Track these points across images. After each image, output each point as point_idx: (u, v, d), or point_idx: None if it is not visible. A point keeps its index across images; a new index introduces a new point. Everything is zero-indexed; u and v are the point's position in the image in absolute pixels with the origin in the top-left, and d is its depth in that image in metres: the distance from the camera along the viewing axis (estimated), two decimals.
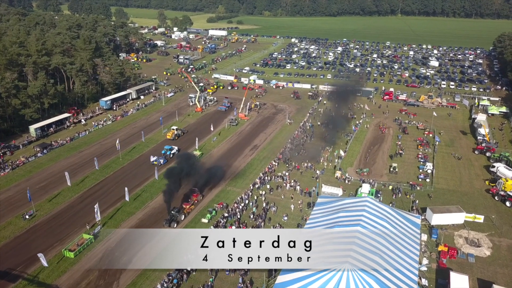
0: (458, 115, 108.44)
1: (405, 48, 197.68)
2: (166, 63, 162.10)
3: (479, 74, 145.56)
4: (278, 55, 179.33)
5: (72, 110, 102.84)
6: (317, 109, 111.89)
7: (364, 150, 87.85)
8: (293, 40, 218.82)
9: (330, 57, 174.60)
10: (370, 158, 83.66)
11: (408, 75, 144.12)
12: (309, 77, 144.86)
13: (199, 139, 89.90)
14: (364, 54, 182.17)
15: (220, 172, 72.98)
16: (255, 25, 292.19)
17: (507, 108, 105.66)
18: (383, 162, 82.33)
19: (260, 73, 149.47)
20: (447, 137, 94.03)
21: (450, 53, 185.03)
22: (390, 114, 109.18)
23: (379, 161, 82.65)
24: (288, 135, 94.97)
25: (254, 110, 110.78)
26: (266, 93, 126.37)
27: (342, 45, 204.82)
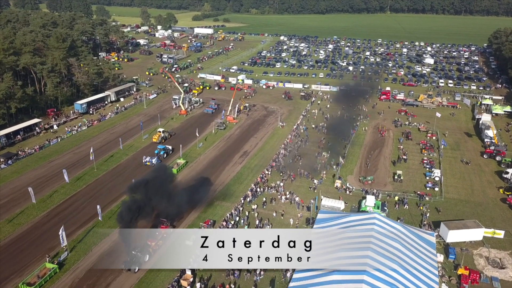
0: (460, 115, 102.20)
1: (398, 46, 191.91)
2: (149, 63, 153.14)
3: (477, 71, 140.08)
4: (267, 54, 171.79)
5: (51, 113, 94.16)
6: (310, 111, 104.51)
7: (364, 155, 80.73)
8: (282, 38, 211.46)
9: (321, 55, 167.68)
10: (371, 164, 76.51)
11: (403, 73, 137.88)
12: (301, 76, 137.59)
13: (183, 146, 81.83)
14: (356, 52, 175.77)
15: (200, 194, 62.47)
16: (242, 23, 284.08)
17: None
18: (386, 168, 75.26)
19: (249, 73, 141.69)
20: (452, 140, 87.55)
21: (444, 50, 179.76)
22: (388, 115, 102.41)
23: (381, 167, 75.55)
24: (280, 139, 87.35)
25: (243, 112, 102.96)
26: (255, 94, 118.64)
27: (333, 43, 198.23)
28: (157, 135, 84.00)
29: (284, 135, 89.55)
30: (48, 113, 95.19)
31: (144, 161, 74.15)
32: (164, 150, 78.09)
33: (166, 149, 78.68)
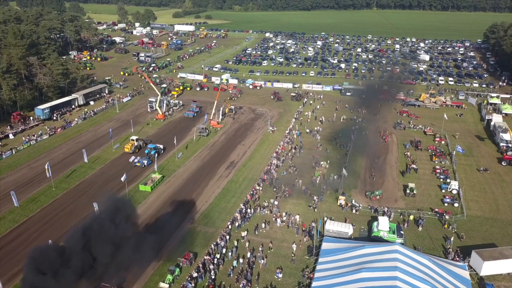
0: (467, 116, 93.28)
1: (389, 42, 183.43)
2: (125, 62, 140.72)
3: (476, 68, 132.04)
4: (253, 51, 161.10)
5: (17, 117, 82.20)
6: (303, 113, 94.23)
7: (367, 164, 70.77)
8: (268, 35, 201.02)
9: (310, 52, 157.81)
10: (376, 175, 66.56)
11: (399, 70, 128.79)
12: (290, 75, 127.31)
13: (160, 156, 70.77)
14: (346, 49, 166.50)
15: (171, 227, 50.03)
16: (225, 20, 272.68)
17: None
18: (394, 180, 65.43)
19: (234, 71, 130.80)
20: (463, 144, 78.21)
21: (438, 46, 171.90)
22: (387, 116, 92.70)
23: (388, 179, 65.67)
24: (272, 147, 76.81)
25: (229, 115, 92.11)
26: (241, 95, 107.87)
27: (321, 39, 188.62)
28: (129, 144, 72.61)
29: (275, 142, 79.08)
30: (13, 117, 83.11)
31: (134, 162, 67.93)
32: (155, 149, 70.73)
33: (157, 149, 71.24)
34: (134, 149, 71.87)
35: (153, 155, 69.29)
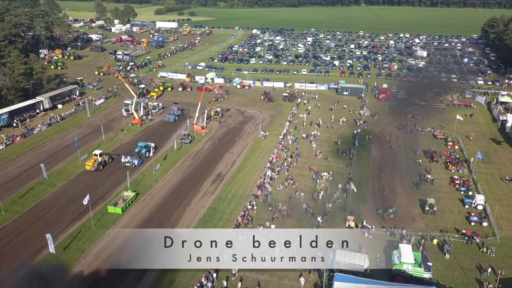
0: (478, 116, 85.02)
1: (382, 38, 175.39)
2: (101, 61, 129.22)
3: (477, 64, 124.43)
4: (239, 48, 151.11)
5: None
6: (297, 115, 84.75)
7: (374, 174, 61.65)
8: (255, 31, 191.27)
9: (301, 49, 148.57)
10: (387, 188, 57.42)
11: (397, 67, 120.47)
12: (280, 73, 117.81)
13: (134, 169, 60.58)
14: (338, 45, 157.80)
15: None
16: (210, 16, 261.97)
17: None
18: (408, 194, 56.45)
19: (219, 70, 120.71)
20: (478, 149, 69.86)
21: (434, 42, 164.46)
22: (386, 116, 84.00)
23: (401, 192, 56.61)
24: (264, 155, 67.15)
25: (215, 119, 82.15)
26: (228, 95, 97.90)
27: (311, 36, 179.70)
28: (91, 160, 60.64)
29: (268, 149, 69.40)
30: None
31: (123, 161, 61.54)
32: (146, 148, 64.82)
33: (148, 147, 65.12)
34: (98, 166, 60.10)
35: (144, 154, 63.64)
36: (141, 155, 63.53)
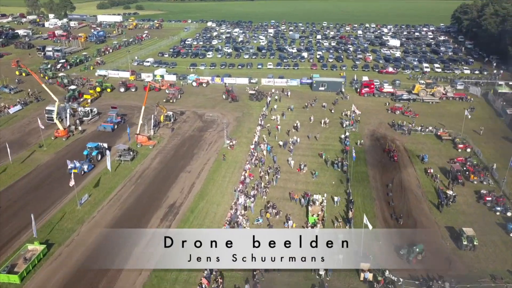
0: (478, 110, 72.75)
1: (348, 28, 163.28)
2: (26, 59, 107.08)
3: (456, 52, 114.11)
4: (193, 42, 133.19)
5: None
6: (269, 117, 68.94)
7: (379, 194, 46.97)
8: (210, 24, 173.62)
9: (263, 41, 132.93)
10: (400, 210, 42.85)
11: (372, 58, 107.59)
12: (243, 68, 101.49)
13: (48, 206, 42.44)
14: (303, 36, 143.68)
15: None
16: (160, 10, 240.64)
17: None
18: (429, 219, 42.23)
19: (171, 66, 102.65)
20: (493, 150, 57.23)
21: (403, 31, 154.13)
22: (379, 116, 70.28)
23: (420, 218, 42.22)
24: (233, 173, 50.82)
25: (165, 125, 64.72)
26: (182, 95, 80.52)
27: (272, 27, 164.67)
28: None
29: (237, 164, 53.13)
30: None
31: (69, 167, 48.55)
32: (98, 149, 53.15)
33: (99, 148, 53.50)
34: None
35: (95, 157, 52.02)
36: (91, 159, 51.74)
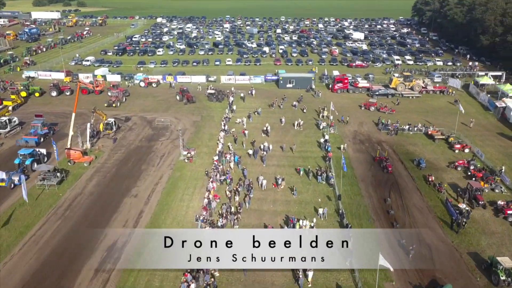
0: (462, 104, 65.80)
1: (307, 22, 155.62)
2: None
3: (423, 44, 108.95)
4: (142, 38, 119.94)
5: None
6: (233, 120, 58.38)
7: (378, 209, 37.88)
8: (160, 20, 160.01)
9: (219, 37, 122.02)
10: (409, 236, 33.80)
11: (338, 51, 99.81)
12: (198, 65, 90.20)
13: None
14: (262, 31, 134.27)
15: None
16: (104, 7, 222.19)
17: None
18: (444, 243, 33.88)
19: (114, 65, 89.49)
20: (494, 150, 50.01)
21: (365, 25, 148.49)
22: (357, 114, 61.69)
23: (433, 242, 33.46)
24: (194, 194, 39.97)
25: (106, 136, 52.53)
26: (128, 97, 68.23)
27: (228, 23, 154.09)
28: None
29: (198, 181, 42.27)
30: None
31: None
32: (33, 156, 43.91)
33: (35, 154, 44.29)
34: None
35: (29, 166, 42.93)
36: (24, 168, 42.53)
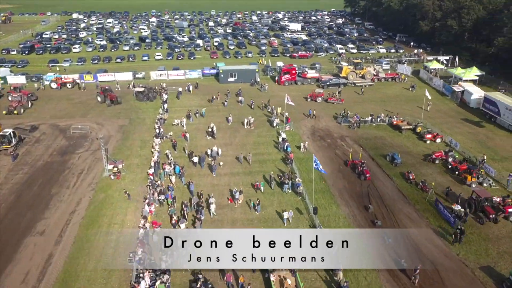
0: (419, 90, 61.84)
1: (239, 15, 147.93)
2: None
3: (361, 33, 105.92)
4: (54, 35, 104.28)
5: None
6: (168, 122, 48.46)
7: (361, 221, 30.67)
8: (76, 16, 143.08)
9: (145, 31, 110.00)
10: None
11: (278, 43, 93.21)
12: (123, 61, 78.28)
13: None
14: (193, 25, 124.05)
15: None
16: (9, 4, 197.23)
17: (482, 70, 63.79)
18: (447, 256, 28.01)
19: (19, 64, 74.79)
20: (461, 136, 45.38)
21: (299, 16, 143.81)
22: (308, 107, 54.61)
23: (436, 257, 27.24)
24: (124, 223, 29.85)
25: (3, 151, 40.25)
26: (35, 102, 55.37)
27: (154, 17, 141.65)
28: None
29: (129, 205, 32.18)
30: None
31: None
32: None
33: None
34: None
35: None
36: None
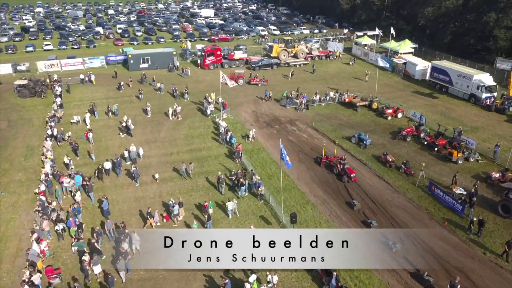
0: (358, 67, 56.53)
1: (143, 4, 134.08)
2: None
3: (278, 16, 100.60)
4: None
5: None
6: (66, 121, 36.27)
7: (352, 225, 22.78)
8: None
9: (30, 22, 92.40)
10: (435, 274, 19.63)
11: (192, 28, 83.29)
12: (0, 53, 62.21)
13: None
14: (90, 14, 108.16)
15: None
16: None
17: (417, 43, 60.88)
18: (491, 269, 20.42)
19: None
20: (418, 109, 40.31)
21: (210, 4, 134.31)
22: (236, 89, 45.93)
23: (480, 276, 20.01)
24: (6, 266, 18.29)
25: None
26: None
27: (41, 8, 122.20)
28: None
29: (10, 239, 20.46)
30: None
31: None
32: None
33: None
34: None
35: None
36: None
